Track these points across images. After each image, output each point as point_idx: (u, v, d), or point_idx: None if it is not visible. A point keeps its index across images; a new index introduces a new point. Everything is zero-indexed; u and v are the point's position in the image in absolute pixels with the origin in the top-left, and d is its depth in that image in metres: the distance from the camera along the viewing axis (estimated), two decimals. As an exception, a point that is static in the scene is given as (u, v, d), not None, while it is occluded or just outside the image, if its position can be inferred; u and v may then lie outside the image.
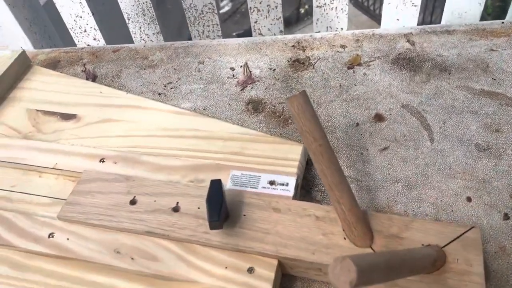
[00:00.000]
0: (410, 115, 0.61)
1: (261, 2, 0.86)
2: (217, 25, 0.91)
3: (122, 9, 0.90)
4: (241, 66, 0.72)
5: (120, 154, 0.57)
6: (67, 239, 0.50)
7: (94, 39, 0.94)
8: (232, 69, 0.72)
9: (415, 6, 0.85)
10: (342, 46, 0.73)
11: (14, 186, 0.58)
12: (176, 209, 0.50)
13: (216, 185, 0.47)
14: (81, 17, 0.91)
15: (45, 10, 0.96)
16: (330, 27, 0.90)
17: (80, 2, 0.88)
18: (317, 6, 0.86)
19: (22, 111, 0.68)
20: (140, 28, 0.93)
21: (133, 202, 0.51)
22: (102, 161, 0.57)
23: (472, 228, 0.44)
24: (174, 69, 0.74)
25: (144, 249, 0.48)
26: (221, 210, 0.45)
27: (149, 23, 0.92)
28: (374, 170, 0.56)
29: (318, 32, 0.90)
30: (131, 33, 0.94)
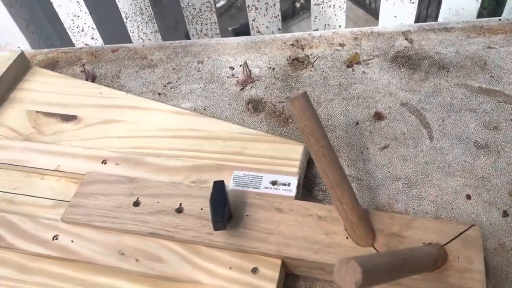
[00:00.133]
0: (409, 114, 0.62)
1: (259, 0, 0.86)
2: (215, 23, 0.91)
3: (120, 8, 0.89)
4: (240, 65, 0.72)
5: (122, 156, 0.58)
6: (71, 241, 0.50)
7: (92, 38, 0.94)
8: (231, 68, 0.72)
9: (413, 3, 0.85)
10: (341, 45, 0.73)
11: (16, 188, 0.58)
12: (179, 210, 0.50)
13: (219, 186, 0.47)
14: (78, 16, 0.91)
15: (41, 10, 0.96)
16: (328, 25, 0.90)
17: (77, 2, 0.88)
18: (315, 4, 0.86)
19: (22, 113, 0.68)
20: (138, 27, 0.92)
21: (136, 203, 0.52)
22: (104, 162, 0.57)
23: (472, 226, 0.44)
24: (174, 68, 0.74)
25: (148, 250, 0.49)
26: (224, 211, 0.45)
27: (147, 22, 0.91)
28: (374, 169, 0.56)
29: (316, 30, 0.90)
30: (129, 32, 0.94)
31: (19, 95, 0.71)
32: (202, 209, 0.50)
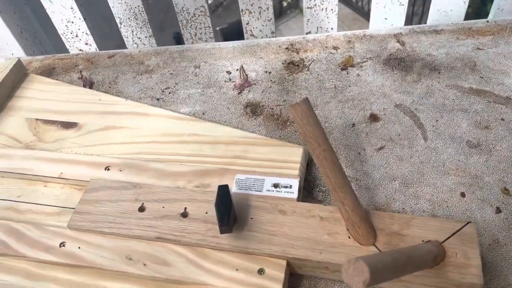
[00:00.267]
0: (403, 115, 0.64)
1: (252, 4, 0.88)
2: (209, 27, 0.92)
3: (114, 13, 0.90)
4: (237, 70, 0.74)
5: (125, 162, 0.59)
6: (79, 248, 0.51)
7: (86, 44, 0.94)
8: (228, 72, 0.74)
9: (402, 5, 0.87)
10: (335, 48, 0.75)
11: (20, 196, 0.59)
12: (184, 214, 0.52)
13: (223, 190, 0.49)
14: (72, 22, 0.91)
15: (34, 16, 0.96)
16: (321, 27, 0.91)
17: (71, 8, 0.88)
18: (307, 8, 0.88)
19: (21, 121, 0.68)
20: (132, 32, 0.93)
21: (141, 209, 0.53)
22: (107, 169, 0.58)
23: (468, 223, 0.46)
24: (171, 73, 0.75)
25: (155, 254, 0.50)
26: (230, 215, 0.47)
27: (141, 27, 0.92)
28: (371, 169, 0.58)
29: (309, 32, 0.92)
30: (123, 37, 0.95)
31: (18, 103, 0.71)
32: (207, 212, 0.51)
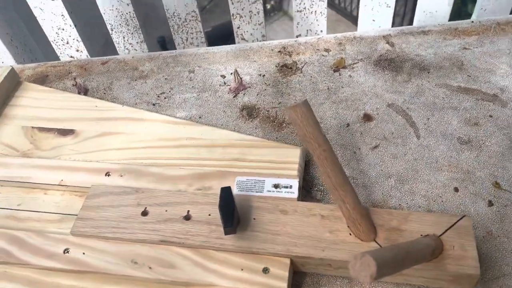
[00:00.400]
0: (396, 114, 0.66)
1: (243, 9, 0.89)
2: (200, 32, 0.93)
3: (105, 20, 0.90)
4: (231, 73, 0.75)
5: (125, 167, 0.59)
6: (83, 254, 0.52)
7: (77, 51, 0.95)
8: (223, 76, 0.75)
9: (389, 7, 0.89)
10: (326, 50, 0.76)
11: (20, 204, 0.59)
12: (187, 217, 0.52)
13: (226, 192, 0.50)
14: (63, 29, 0.91)
15: (24, 24, 0.95)
16: (310, 30, 0.93)
17: (62, 15, 0.88)
18: (297, 11, 0.89)
19: (17, 129, 0.68)
20: (123, 37, 0.93)
21: (144, 213, 0.53)
22: (107, 174, 0.59)
23: (463, 216, 0.48)
24: (166, 78, 0.76)
25: (160, 257, 0.50)
26: (234, 216, 0.48)
27: (132, 33, 0.93)
28: (367, 168, 0.60)
29: (299, 35, 0.93)
30: (115, 43, 0.95)
31: (12, 112, 0.71)
32: (210, 215, 0.52)
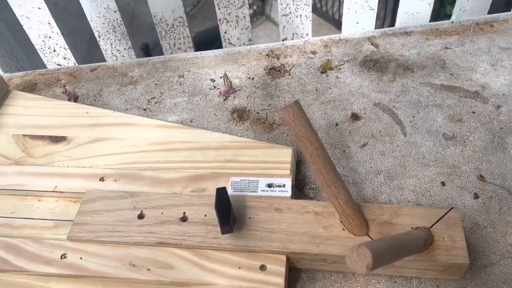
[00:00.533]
0: (382, 112, 0.67)
1: (229, 14, 0.90)
2: (188, 37, 0.94)
3: (92, 27, 0.90)
4: (220, 77, 0.76)
5: (119, 172, 0.60)
6: (81, 258, 0.52)
7: (64, 58, 0.95)
8: (212, 80, 0.76)
9: (373, 9, 0.91)
10: (313, 52, 0.78)
11: (14, 212, 0.59)
12: (184, 219, 0.53)
13: (222, 192, 0.51)
14: (50, 37, 0.91)
15: (9, 32, 0.95)
16: (296, 33, 0.95)
17: (49, 23, 0.88)
18: (283, 15, 0.91)
19: (8, 138, 0.68)
20: (111, 44, 0.94)
21: (141, 216, 0.54)
22: (102, 180, 0.59)
23: (451, 208, 0.50)
24: (155, 84, 0.77)
25: (158, 259, 0.51)
26: (230, 216, 0.49)
27: (120, 39, 0.93)
28: (357, 165, 0.62)
29: (285, 39, 0.95)
30: (102, 50, 0.95)
31: (2, 120, 0.71)
32: (206, 215, 0.53)
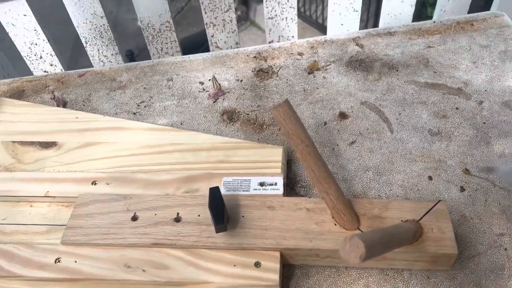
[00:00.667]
0: (369, 111, 0.69)
1: (216, 18, 0.91)
2: (175, 41, 0.95)
3: (79, 33, 0.91)
4: (209, 80, 0.77)
5: (111, 175, 0.60)
6: (75, 262, 0.52)
7: (51, 65, 0.94)
8: (201, 83, 0.76)
9: (356, 11, 0.93)
10: (300, 54, 0.80)
11: (5, 219, 0.58)
12: (177, 219, 0.54)
13: (215, 192, 0.51)
14: (36, 44, 0.91)
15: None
16: (282, 36, 0.96)
17: (35, 30, 0.88)
18: (268, 18, 0.92)
19: (-3, 144, 0.68)
20: (98, 50, 0.94)
21: (134, 218, 0.54)
22: (94, 183, 0.59)
23: (439, 201, 0.52)
24: (144, 88, 0.77)
25: (153, 260, 0.51)
26: (224, 214, 0.49)
27: (107, 45, 0.93)
28: (346, 163, 0.63)
29: (272, 41, 0.96)
30: (89, 56, 0.95)
31: (-9, 127, 0.70)
32: (199, 215, 0.54)
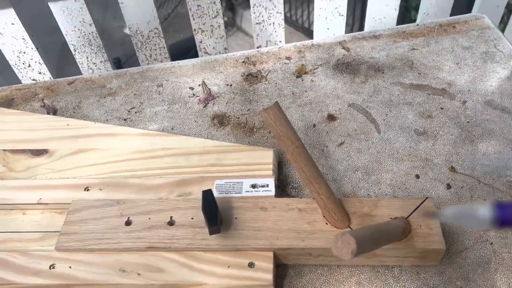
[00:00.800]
0: (357, 112, 0.70)
1: (204, 23, 0.92)
2: (164, 48, 0.96)
3: (68, 41, 0.91)
4: (199, 85, 0.77)
5: (103, 181, 0.60)
6: (69, 267, 0.52)
7: (40, 73, 0.95)
8: (191, 88, 0.77)
9: (342, 15, 0.95)
10: (288, 58, 0.81)
11: (-2, 227, 0.59)
12: (171, 223, 0.54)
13: (208, 194, 0.52)
14: (24, 52, 0.91)
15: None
16: (270, 41, 0.98)
17: (23, 38, 0.88)
18: (256, 23, 0.94)
19: (-12, 153, 0.68)
20: (87, 57, 0.94)
21: (128, 223, 0.55)
22: (87, 189, 0.60)
23: (426, 198, 0.53)
24: (134, 94, 0.78)
25: (147, 263, 0.52)
26: (217, 216, 0.50)
27: (96, 52, 0.94)
28: (336, 163, 0.64)
29: (259, 46, 0.98)
30: (78, 63, 0.96)
31: (-19, 136, 0.70)
32: (192, 218, 0.54)
